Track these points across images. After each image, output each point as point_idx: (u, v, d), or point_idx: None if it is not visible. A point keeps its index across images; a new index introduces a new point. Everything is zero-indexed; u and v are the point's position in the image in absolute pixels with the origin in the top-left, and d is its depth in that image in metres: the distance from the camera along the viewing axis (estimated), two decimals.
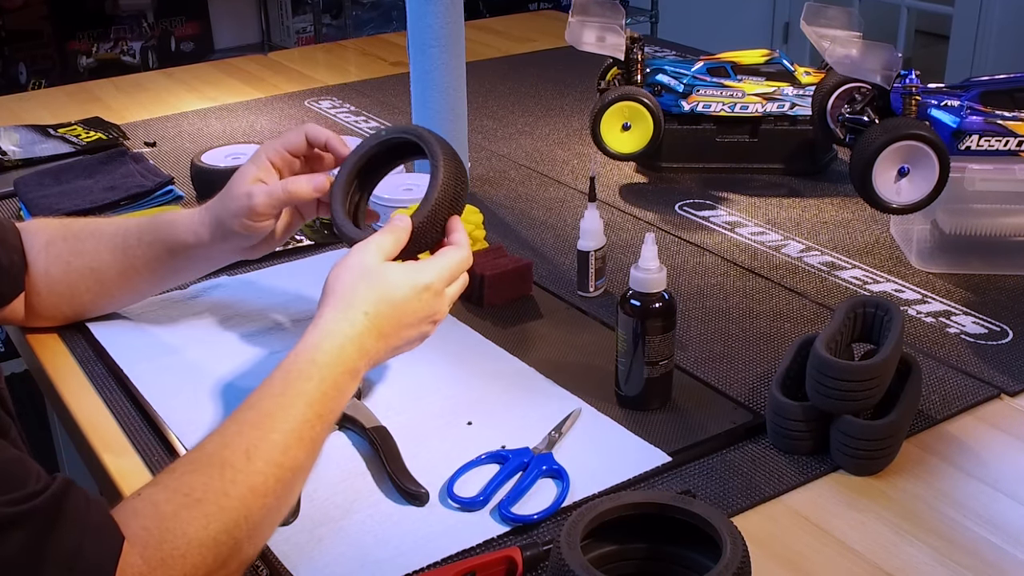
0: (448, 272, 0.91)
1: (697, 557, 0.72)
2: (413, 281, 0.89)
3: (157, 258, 1.05)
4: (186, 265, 1.07)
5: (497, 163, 1.61)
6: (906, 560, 0.80)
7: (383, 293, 0.87)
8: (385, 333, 0.87)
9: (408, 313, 0.89)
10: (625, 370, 0.97)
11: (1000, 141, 1.16)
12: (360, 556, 0.80)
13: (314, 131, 1.03)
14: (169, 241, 1.04)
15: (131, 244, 1.05)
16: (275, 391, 0.80)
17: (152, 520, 0.70)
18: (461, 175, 0.95)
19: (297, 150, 1.02)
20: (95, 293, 1.07)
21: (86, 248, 1.06)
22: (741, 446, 0.93)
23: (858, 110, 1.22)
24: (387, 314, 0.87)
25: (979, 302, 1.18)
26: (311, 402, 0.80)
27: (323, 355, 0.82)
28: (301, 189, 0.99)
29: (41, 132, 1.71)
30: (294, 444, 0.78)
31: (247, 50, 3.61)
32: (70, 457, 1.69)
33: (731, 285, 1.23)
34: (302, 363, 0.82)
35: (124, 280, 1.07)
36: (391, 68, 2.16)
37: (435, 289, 0.90)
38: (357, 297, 0.86)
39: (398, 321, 0.88)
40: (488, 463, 0.90)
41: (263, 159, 1.01)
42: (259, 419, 0.78)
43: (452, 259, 0.92)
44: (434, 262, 0.91)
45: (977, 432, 0.96)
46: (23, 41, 3.37)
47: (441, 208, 0.93)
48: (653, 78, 1.50)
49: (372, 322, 0.86)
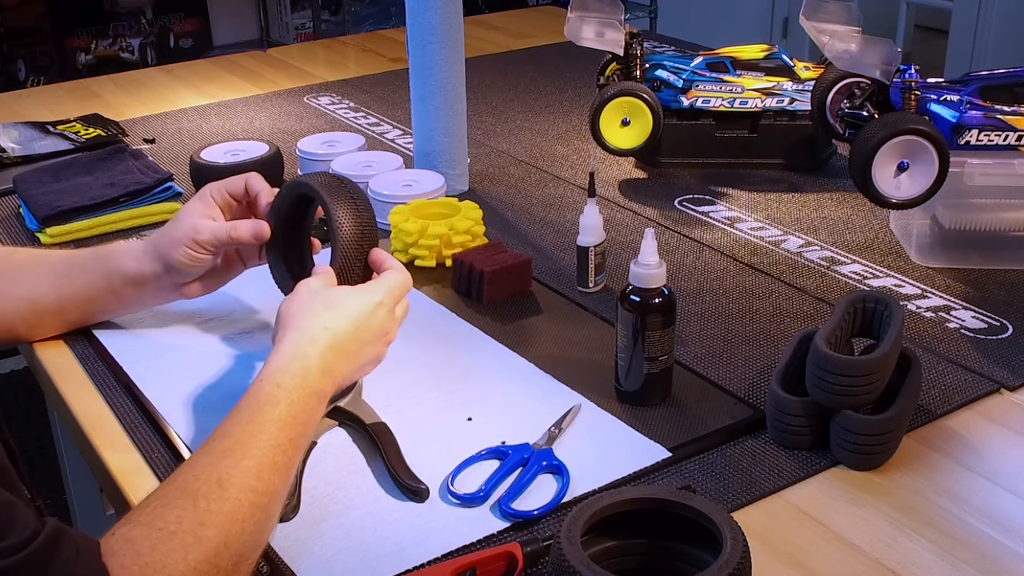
0: (395, 291, 0.95)
1: (697, 552, 0.72)
2: (366, 297, 0.92)
3: (95, 287, 1.06)
4: (121, 298, 1.07)
5: (496, 159, 1.61)
6: (906, 555, 0.80)
7: (340, 310, 0.90)
8: (347, 350, 0.89)
9: (365, 329, 0.91)
10: (625, 365, 0.97)
11: (1000, 136, 1.16)
12: (360, 552, 0.80)
13: (253, 182, 1.05)
14: (110, 270, 1.05)
15: (73, 271, 1.06)
16: (243, 419, 0.80)
17: (130, 558, 0.68)
18: (359, 213, 0.98)
19: (238, 195, 1.05)
20: (30, 324, 1.07)
21: (23, 278, 1.06)
22: (741, 441, 0.93)
23: (857, 105, 1.21)
24: (346, 329, 0.89)
25: (979, 297, 1.18)
26: (282, 426, 0.80)
27: (289, 378, 0.83)
28: (243, 235, 1.02)
29: (40, 129, 1.71)
30: (267, 469, 0.77)
31: (246, 46, 3.61)
32: (70, 455, 1.69)
33: (731, 280, 1.23)
34: (269, 388, 0.83)
35: (59, 310, 1.07)
36: (390, 64, 2.16)
37: (387, 306, 0.93)
38: (315, 316, 0.89)
39: (357, 337, 0.90)
40: (488, 459, 0.90)
41: (208, 197, 1.04)
42: (230, 447, 0.77)
43: (396, 279, 0.95)
44: (380, 282, 0.95)
45: (977, 427, 0.96)
46: (22, 38, 3.37)
47: (349, 251, 0.97)
48: (652, 73, 1.50)
49: (333, 338, 0.88)
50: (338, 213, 0.97)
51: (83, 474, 1.67)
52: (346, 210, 0.97)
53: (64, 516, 1.75)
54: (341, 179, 1.01)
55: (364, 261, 0.98)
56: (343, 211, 0.97)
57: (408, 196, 1.32)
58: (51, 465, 1.73)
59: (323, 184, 0.99)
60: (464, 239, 1.24)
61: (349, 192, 0.99)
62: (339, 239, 0.96)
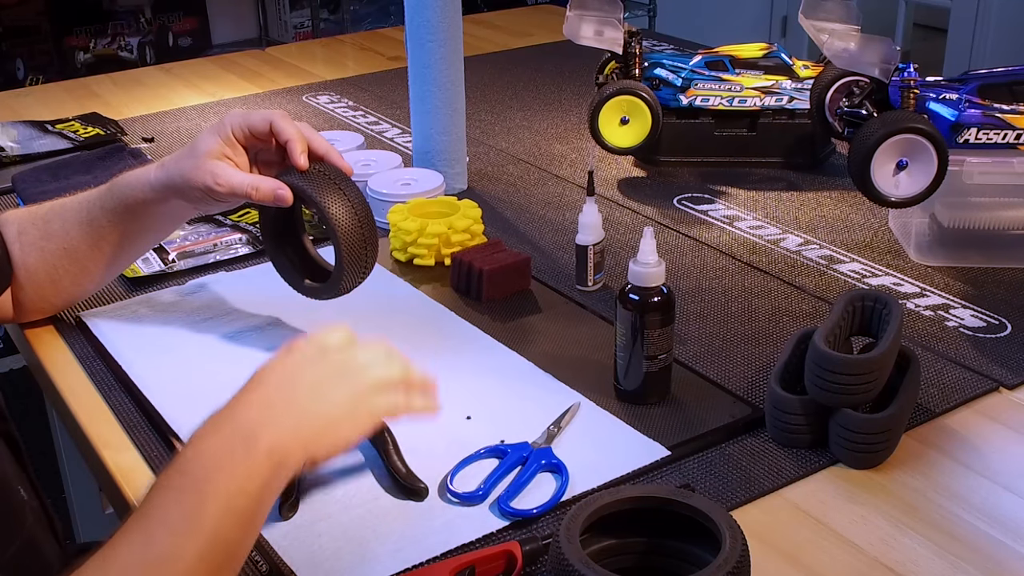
0: (344, 334, 0.81)
1: (696, 551, 0.72)
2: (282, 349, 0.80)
3: (122, 222, 1.03)
4: (152, 224, 1.05)
5: (495, 158, 1.61)
6: (905, 553, 0.80)
7: (256, 378, 0.77)
8: (272, 401, 0.74)
9: (295, 372, 0.77)
10: (624, 364, 0.97)
11: (999, 134, 1.16)
12: (359, 551, 0.80)
13: (279, 125, 0.98)
14: (130, 201, 1.02)
15: (95, 215, 1.03)
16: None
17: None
18: (349, 200, 0.97)
19: (261, 135, 0.99)
20: (74, 275, 1.06)
21: (54, 229, 1.04)
22: (740, 440, 0.93)
23: (856, 103, 1.21)
24: (271, 383, 0.76)
25: (978, 295, 1.18)
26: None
27: (185, 461, 0.71)
28: (264, 197, 0.96)
29: (39, 128, 1.71)
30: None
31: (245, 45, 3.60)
32: (69, 453, 1.68)
33: (730, 279, 1.23)
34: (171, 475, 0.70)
35: (97, 253, 1.05)
36: (389, 63, 2.16)
37: (318, 343, 0.79)
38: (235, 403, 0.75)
39: (290, 382, 0.76)
40: (487, 457, 0.90)
41: (229, 134, 0.98)
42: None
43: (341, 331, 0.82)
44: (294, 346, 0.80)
45: (976, 425, 0.96)
46: (21, 37, 3.36)
47: (352, 242, 0.97)
48: (651, 72, 1.50)
49: (247, 395, 0.75)
50: (331, 209, 0.96)
51: (82, 473, 1.67)
52: (336, 202, 0.96)
53: (63, 515, 1.75)
54: (320, 167, 0.98)
55: (367, 245, 0.97)
56: (335, 205, 0.96)
57: (407, 195, 1.32)
58: (50, 464, 1.73)
59: (306, 180, 0.97)
60: (463, 238, 1.24)
61: (332, 180, 0.97)
62: (338, 234, 0.96)
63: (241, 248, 1.29)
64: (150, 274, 1.23)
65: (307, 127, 1.00)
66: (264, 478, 0.71)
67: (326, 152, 1.00)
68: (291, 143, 0.97)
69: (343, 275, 1.01)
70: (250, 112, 0.99)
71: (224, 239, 1.30)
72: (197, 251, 1.28)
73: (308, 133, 0.99)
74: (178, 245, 1.29)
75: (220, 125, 0.99)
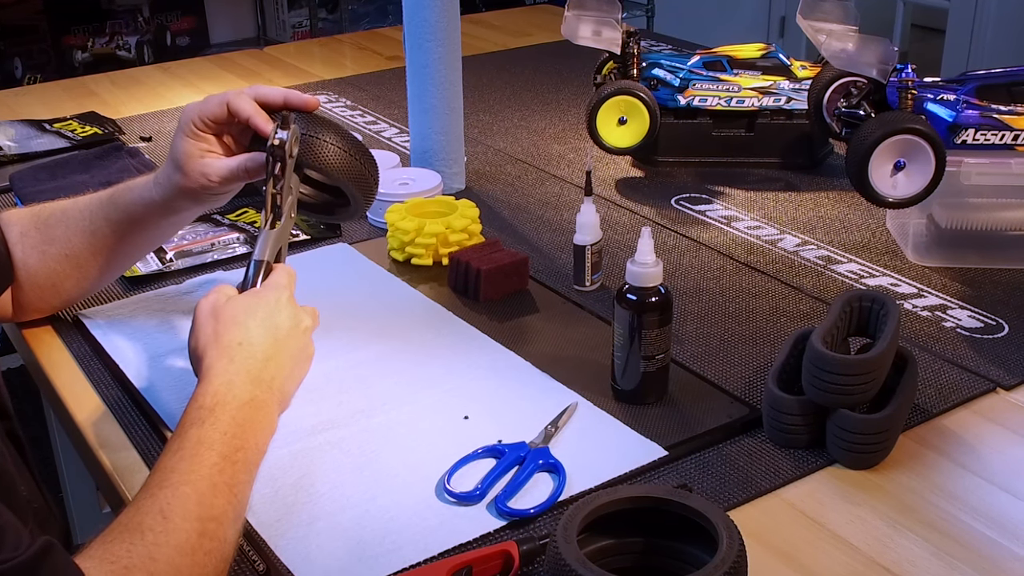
0: (287, 283, 0.91)
1: (694, 551, 0.72)
2: (264, 298, 0.88)
3: (127, 232, 1.05)
4: (157, 232, 1.06)
5: (493, 157, 1.61)
6: (901, 553, 0.80)
7: (245, 320, 0.86)
8: (269, 355, 0.85)
9: (276, 327, 0.87)
10: (621, 364, 0.97)
11: (996, 135, 1.16)
12: (357, 550, 0.80)
13: (236, 106, 0.98)
14: (136, 216, 1.03)
15: (99, 226, 1.04)
16: (173, 447, 0.77)
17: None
18: (327, 140, 0.97)
19: (221, 119, 0.98)
20: (76, 279, 1.07)
21: (57, 235, 1.05)
22: (737, 440, 0.93)
23: (854, 104, 1.21)
24: (260, 336, 0.85)
25: (975, 296, 1.18)
26: (212, 445, 0.77)
27: (210, 397, 0.80)
28: (257, 174, 0.98)
29: (36, 127, 1.71)
30: (208, 492, 0.74)
31: (243, 44, 3.60)
32: (66, 453, 1.68)
33: (727, 279, 1.23)
34: (193, 412, 0.80)
35: (99, 258, 1.06)
36: (387, 62, 2.16)
37: (285, 299, 0.89)
38: (222, 337, 0.85)
39: (274, 337, 0.86)
40: (484, 457, 0.90)
41: (193, 130, 0.98)
42: (164, 477, 0.75)
43: (282, 273, 0.91)
44: (271, 281, 0.90)
45: (973, 426, 0.96)
46: (19, 36, 3.36)
47: (342, 169, 0.97)
48: (649, 72, 1.50)
49: (250, 348, 0.84)
50: (311, 160, 0.95)
51: (79, 472, 1.67)
52: (313, 149, 0.96)
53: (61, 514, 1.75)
54: (289, 126, 0.95)
55: (361, 161, 0.98)
56: (311, 154, 0.95)
57: (405, 194, 1.32)
58: (47, 463, 1.73)
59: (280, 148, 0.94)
60: (461, 237, 1.24)
61: (305, 132, 0.96)
62: (329, 172, 0.96)
63: (238, 247, 1.29)
64: (148, 273, 1.23)
65: (259, 88, 1.00)
66: (275, 428, 0.85)
67: (285, 99, 1.00)
68: (252, 119, 0.97)
69: (354, 199, 1.01)
70: (204, 102, 0.99)
71: (222, 238, 1.30)
72: (195, 250, 1.28)
73: (262, 93, 1.00)
74: (176, 244, 1.29)
75: (183, 126, 0.99)
